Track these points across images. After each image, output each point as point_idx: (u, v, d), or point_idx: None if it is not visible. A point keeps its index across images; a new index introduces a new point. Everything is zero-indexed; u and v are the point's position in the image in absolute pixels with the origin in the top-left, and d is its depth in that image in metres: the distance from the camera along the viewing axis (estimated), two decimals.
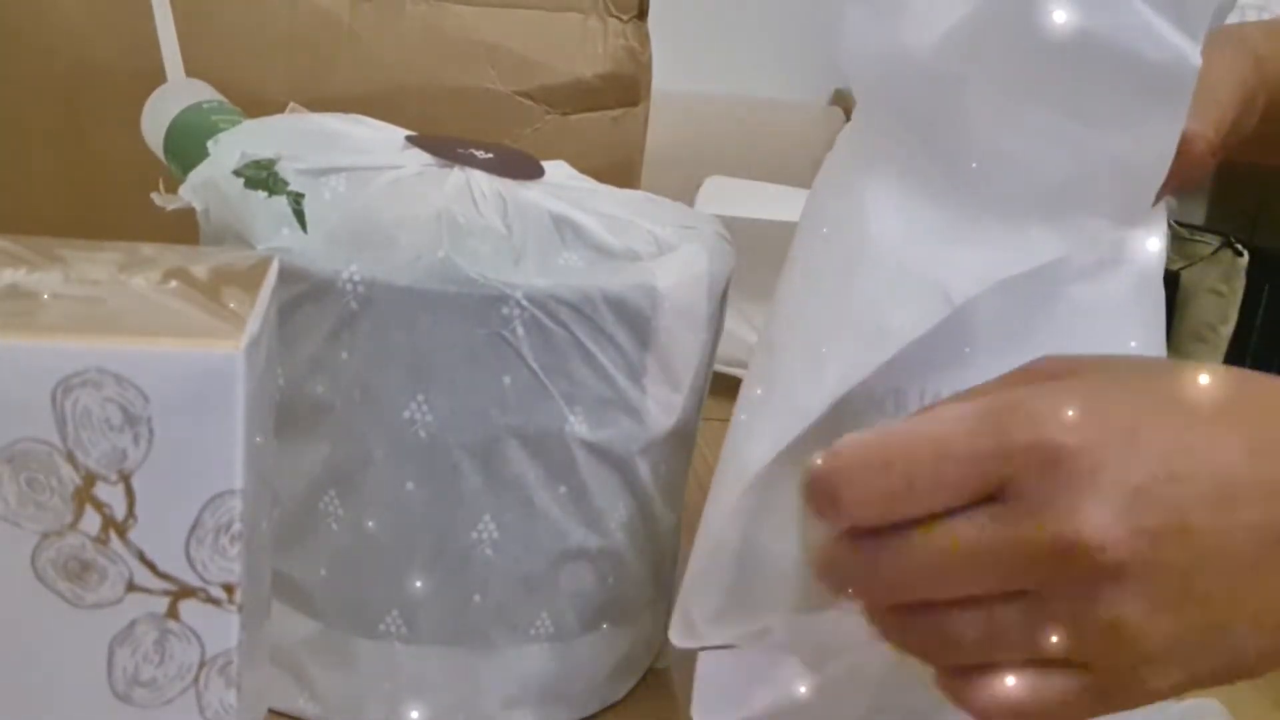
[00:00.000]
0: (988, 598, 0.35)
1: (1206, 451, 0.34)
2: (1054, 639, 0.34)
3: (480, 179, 0.46)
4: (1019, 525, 0.34)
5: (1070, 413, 0.34)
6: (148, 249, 0.35)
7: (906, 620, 0.36)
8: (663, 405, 0.47)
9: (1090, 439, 0.33)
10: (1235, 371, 0.36)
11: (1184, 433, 0.35)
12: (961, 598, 0.35)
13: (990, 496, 0.34)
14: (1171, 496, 0.33)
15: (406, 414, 0.44)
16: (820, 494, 0.35)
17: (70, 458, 0.30)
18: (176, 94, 0.58)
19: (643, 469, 0.47)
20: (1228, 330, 1.57)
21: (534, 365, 0.44)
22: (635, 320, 0.45)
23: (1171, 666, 0.34)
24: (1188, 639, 0.34)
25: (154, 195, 0.48)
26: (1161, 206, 0.45)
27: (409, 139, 0.49)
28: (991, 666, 0.35)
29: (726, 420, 0.44)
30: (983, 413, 0.34)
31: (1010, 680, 0.35)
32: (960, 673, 0.36)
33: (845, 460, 0.35)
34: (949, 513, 0.34)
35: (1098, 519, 0.33)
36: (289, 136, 0.48)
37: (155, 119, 0.58)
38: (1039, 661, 0.35)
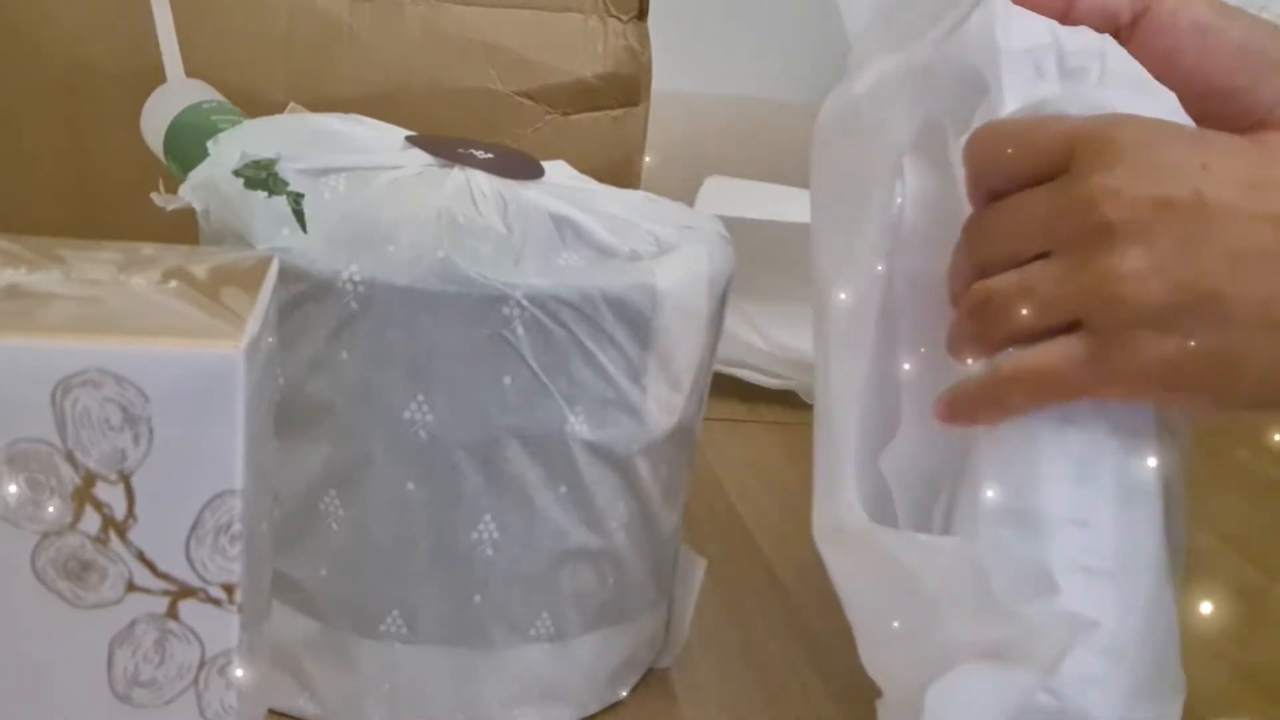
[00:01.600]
0: (1028, 260, 0.40)
1: (1250, 154, 0.39)
2: (1065, 287, 0.39)
3: (480, 179, 0.46)
4: (1061, 192, 0.39)
5: (1135, 123, 0.40)
6: (148, 249, 0.35)
7: (975, 277, 0.42)
8: (663, 405, 0.47)
9: (1142, 134, 0.39)
10: None
11: (1232, 141, 0.40)
12: (1009, 257, 0.41)
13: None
14: (1195, 175, 0.38)
15: (406, 414, 0.44)
16: (966, 155, 0.43)
17: (70, 458, 0.30)
18: (176, 94, 0.58)
19: (643, 469, 0.47)
20: None
21: (534, 365, 0.44)
22: (635, 320, 0.45)
23: (1165, 333, 0.38)
24: (1182, 304, 0.37)
25: (154, 195, 0.47)
26: None
27: (409, 139, 0.49)
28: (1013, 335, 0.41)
29: (726, 420, 0.44)
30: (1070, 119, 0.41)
31: (1024, 349, 0.40)
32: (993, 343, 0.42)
33: (979, 132, 0.43)
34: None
35: (1111, 183, 0.38)
36: (289, 136, 0.48)
37: (155, 119, 0.58)
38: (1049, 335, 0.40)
